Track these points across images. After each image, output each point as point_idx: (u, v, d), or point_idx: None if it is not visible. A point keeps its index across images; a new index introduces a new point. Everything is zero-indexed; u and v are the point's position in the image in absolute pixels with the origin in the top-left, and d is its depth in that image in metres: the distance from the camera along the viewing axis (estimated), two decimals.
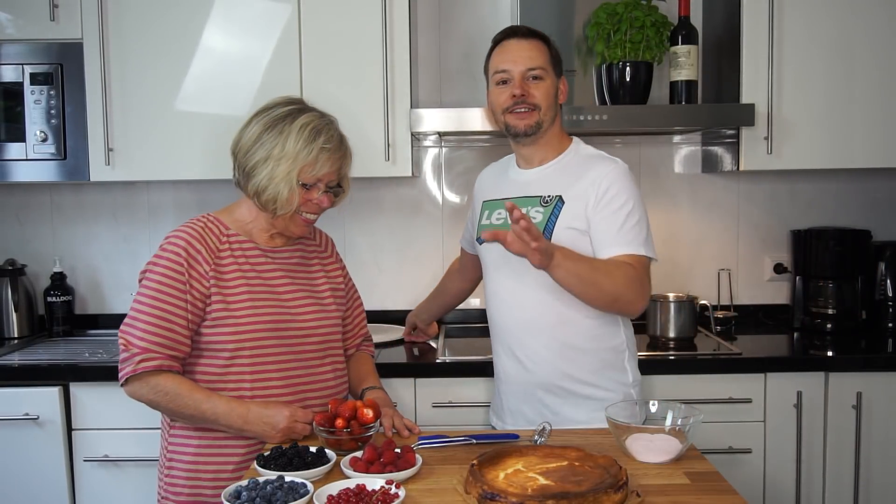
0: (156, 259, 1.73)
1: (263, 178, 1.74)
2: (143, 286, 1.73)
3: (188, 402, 1.68)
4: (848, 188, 2.93)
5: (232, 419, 1.68)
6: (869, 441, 2.34)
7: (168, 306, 1.69)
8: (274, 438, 1.68)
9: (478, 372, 2.34)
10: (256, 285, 1.77)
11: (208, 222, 1.80)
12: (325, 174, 1.76)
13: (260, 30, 2.50)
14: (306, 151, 1.72)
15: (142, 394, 1.70)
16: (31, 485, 2.34)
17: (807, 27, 2.50)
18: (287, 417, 1.67)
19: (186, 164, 2.53)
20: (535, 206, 1.90)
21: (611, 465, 1.43)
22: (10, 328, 2.79)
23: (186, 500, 1.75)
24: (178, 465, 1.77)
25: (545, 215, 1.87)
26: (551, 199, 1.89)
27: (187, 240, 1.74)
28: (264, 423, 1.68)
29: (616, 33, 2.54)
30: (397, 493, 1.36)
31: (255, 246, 1.82)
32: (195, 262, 1.72)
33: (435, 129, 2.50)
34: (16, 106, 2.51)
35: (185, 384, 1.69)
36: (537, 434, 1.66)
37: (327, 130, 1.76)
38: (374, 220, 2.92)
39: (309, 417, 1.69)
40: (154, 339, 1.67)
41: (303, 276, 1.87)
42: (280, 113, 1.76)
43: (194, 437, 1.76)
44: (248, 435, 1.71)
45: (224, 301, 1.73)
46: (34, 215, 2.93)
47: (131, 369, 1.67)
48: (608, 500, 1.31)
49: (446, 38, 2.88)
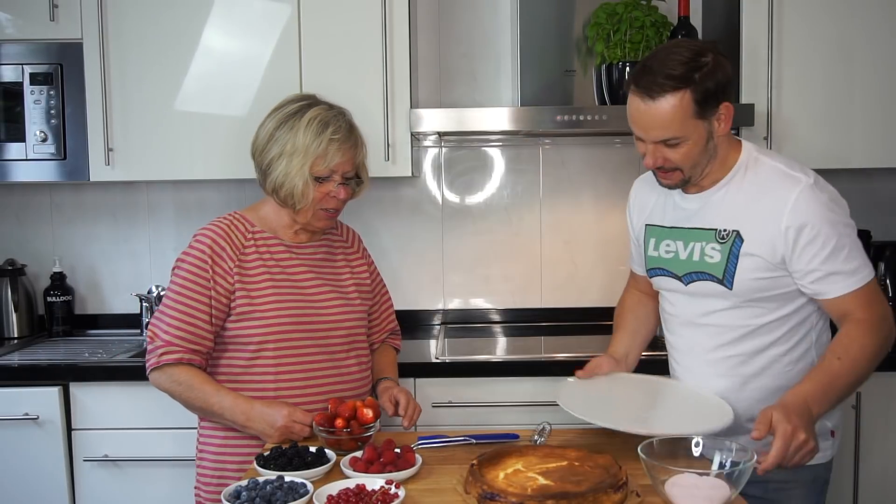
0: (183, 255, 1.81)
1: (279, 174, 1.78)
2: (170, 282, 1.81)
3: (198, 395, 1.74)
4: (848, 188, 2.87)
5: (235, 415, 1.73)
6: (868, 441, 2.34)
7: (192, 301, 1.75)
8: (272, 437, 1.70)
9: (478, 372, 2.34)
10: (281, 280, 1.82)
11: (234, 220, 1.86)
12: (338, 165, 1.79)
13: (260, 30, 2.50)
14: (316, 144, 1.76)
15: (160, 382, 1.77)
16: (31, 485, 2.34)
17: (807, 27, 2.50)
18: (285, 416, 1.69)
19: (186, 164, 2.54)
20: (710, 241, 1.68)
21: (611, 465, 1.43)
22: (9, 328, 2.79)
23: (215, 491, 1.79)
24: (206, 457, 1.83)
25: (724, 255, 1.66)
26: (728, 235, 1.66)
27: (212, 237, 1.80)
28: (264, 420, 1.71)
29: (616, 33, 2.54)
30: (397, 493, 1.36)
31: (280, 242, 1.86)
32: (219, 259, 1.78)
33: (435, 129, 2.50)
34: (16, 106, 2.51)
35: (199, 377, 1.75)
36: (537, 434, 1.66)
37: (335, 121, 1.80)
38: (374, 220, 2.92)
39: (308, 419, 1.70)
40: (177, 332, 1.74)
41: (327, 270, 1.91)
42: (291, 109, 1.82)
43: (220, 429, 1.81)
44: (249, 432, 1.74)
45: (248, 296, 1.78)
46: (34, 215, 2.93)
47: (154, 361, 1.75)
48: (608, 500, 1.31)
49: (446, 38, 2.88)
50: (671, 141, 1.60)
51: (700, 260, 1.70)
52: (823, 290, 1.63)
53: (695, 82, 1.56)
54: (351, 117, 1.87)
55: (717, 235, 1.67)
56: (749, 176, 1.67)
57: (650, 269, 1.83)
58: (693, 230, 1.72)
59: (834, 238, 1.59)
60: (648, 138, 1.62)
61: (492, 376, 2.34)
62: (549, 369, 2.36)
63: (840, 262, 1.60)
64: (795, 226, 1.59)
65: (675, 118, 1.57)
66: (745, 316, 1.69)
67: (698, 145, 1.61)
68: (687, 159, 1.62)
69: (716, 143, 1.64)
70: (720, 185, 1.69)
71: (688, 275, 1.73)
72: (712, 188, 1.70)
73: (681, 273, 1.74)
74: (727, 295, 1.67)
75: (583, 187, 2.91)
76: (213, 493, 1.81)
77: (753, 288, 1.65)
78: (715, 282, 1.68)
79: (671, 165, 1.64)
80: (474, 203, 2.92)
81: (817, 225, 1.59)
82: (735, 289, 1.66)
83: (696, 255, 1.71)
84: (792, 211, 1.59)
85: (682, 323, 1.78)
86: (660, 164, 1.64)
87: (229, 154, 2.51)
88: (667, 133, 1.59)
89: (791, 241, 1.60)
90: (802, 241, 1.59)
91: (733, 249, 1.64)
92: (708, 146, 1.63)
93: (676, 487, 1.31)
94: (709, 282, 1.69)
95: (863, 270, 1.63)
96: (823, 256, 1.60)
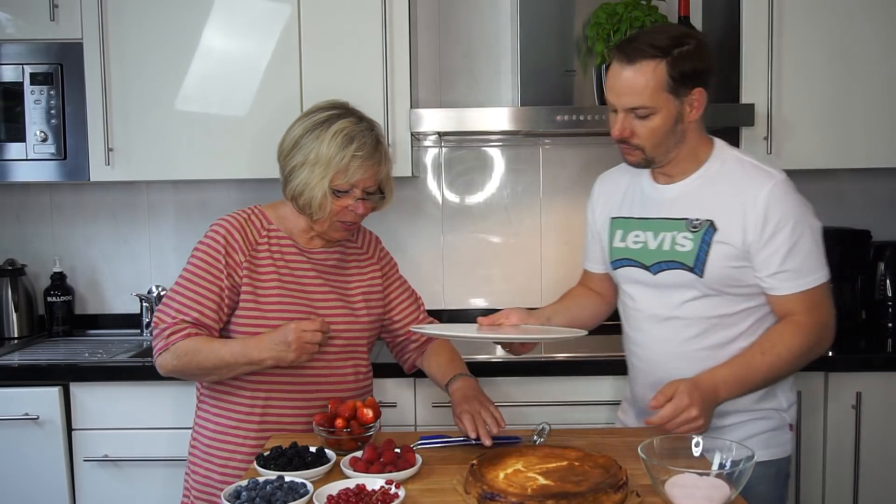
0: (198, 245, 1.81)
1: (300, 182, 1.77)
2: (183, 270, 1.80)
3: (206, 355, 1.72)
4: (848, 188, 2.92)
5: (249, 353, 1.71)
6: (868, 441, 2.34)
7: (202, 289, 1.76)
8: (289, 356, 1.68)
9: (478, 372, 2.32)
10: (288, 282, 1.81)
11: (252, 214, 1.86)
12: (359, 181, 1.77)
13: (260, 30, 2.50)
14: (339, 158, 1.74)
15: (167, 362, 1.74)
16: (31, 485, 2.34)
17: (807, 27, 2.50)
18: (294, 330, 1.68)
19: (186, 164, 2.54)
20: (681, 230, 1.70)
21: (611, 465, 1.43)
22: (10, 328, 2.79)
23: (202, 482, 1.81)
24: (198, 446, 1.84)
25: (696, 243, 1.67)
26: (700, 225, 1.67)
27: (228, 229, 1.81)
28: (276, 344, 1.69)
29: (616, 33, 2.54)
30: (397, 493, 1.36)
31: (294, 244, 1.86)
32: (232, 251, 1.78)
33: (435, 129, 2.50)
34: (16, 106, 2.51)
35: (199, 339, 1.73)
36: (536, 434, 1.66)
37: (361, 137, 1.76)
38: (374, 220, 2.90)
39: (316, 325, 1.69)
40: (184, 316, 1.74)
41: (337, 278, 1.89)
42: (319, 118, 1.79)
43: (212, 422, 1.82)
44: (269, 364, 1.71)
45: (254, 293, 1.78)
46: (34, 215, 2.93)
47: (163, 343, 1.73)
48: (608, 499, 1.31)
49: (446, 38, 2.88)
50: (641, 110, 1.63)
51: (670, 249, 1.71)
52: (775, 286, 1.66)
53: (673, 56, 1.61)
54: (380, 131, 1.84)
55: (689, 225, 1.69)
56: (722, 169, 1.70)
57: (615, 261, 1.82)
58: (664, 220, 1.73)
59: (798, 234, 1.63)
60: (620, 104, 1.65)
61: (492, 376, 2.34)
62: (549, 369, 2.36)
63: (798, 260, 1.63)
64: (767, 216, 1.62)
65: (648, 85, 1.61)
66: (712, 306, 1.70)
67: (666, 123, 1.64)
68: (653, 136, 1.65)
69: (684, 128, 1.68)
70: (693, 177, 1.72)
71: (657, 264, 1.73)
72: (685, 180, 1.73)
73: (649, 263, 1.74)
74: (697, 283, 1.68)
75: (583, 187, 2.88)
76: (201, 482, 1.83)
77: (724, 276, 1.66)
78: (685, 270, 1.69)
79: (636, 142, 1.67)
80: (474, 203, 2.92)
81: (787, 219, 1.63)
82: (706, 276, 1.67)
83: (666, 244, 1.72)
84: (765, 202, 1.63)
85: (647, 318, 1.78)
86: (625, 136, 1.67)
87: (229, 154, 2.52)
88: (638, 100, 1.62)
89: (759, 229, 1.63)
90: (769, 231, 1.63)
91: (706, 237, 1.66)
92: (676, 128, 1.66)
93: (676, 487, 1.30)
94: (679, 270, 1.70)
95: (816, 273, 1.66)
96: (784, 252, 1.63)
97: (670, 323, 1.74)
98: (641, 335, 1.81)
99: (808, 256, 1.65)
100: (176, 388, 2.30)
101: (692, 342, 1.72)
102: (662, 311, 1.75)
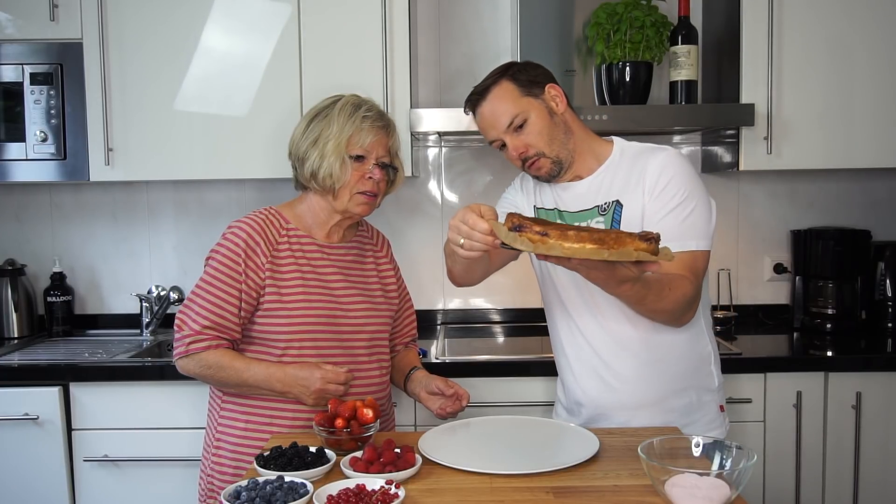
0: (217, 247, 1.83)
1: (315, 158, 1.82)
2: (204, 272, 1.82)
3: (230, 374, 1.77)
4: (848, 188, 2.93)
5: (272, 384, 1.77)
6: (868, 441, 2.34)
7: (222, 293, 1.78)
8: (309, 400, 1.76)
9: (478, 372, 2.34)
10: (310, 280, 1.84)
11: (269, 215, 1.88)
12: (372, 145, 1.83)
13: (260, 30, 2.50)
14: (350, 123, 1.82)
15: (189, 368, 1.80)
16: (31, 485, 2.34)
17: (807, 27, 2.50)
18: (319, 380, 1.74)
19: (186, 164, 2.53)
20: (594, 217, 1.78)
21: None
22: (9, 328, 2.79)
23: (230, 480, 1.79)
24: (225, 443, 1.84)
25: (607, 223, 1.75)
26: (609, 206, 1.76)
27: (248, 231, 1.82)
28: (300, 384, 1.76)
29: (616, 33, 2.54)
30: (397, 493, 1.36)
31: (313, 241, 1.89)
32: (253, 254, 1.80)
33: (435, 130, 2.50)
34: (16, 106, 2.51)
35: (227, 355, 1.78)
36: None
37: (366, 104, 1.87)
38: (374, 220, 2.91)
39: (341, 378, 1.76)
40: (206, 322, 1.77)
41: (356, 273, 1.93)
42: (322, 104, 1.88)
43: (241, 417, 1.83)
44: (288, 398, 1.79)
45: (278, 293, 1.80)
46: (34, 215, 2.93)
47: (183, 349, 1.78)
48: (631, 242, 1.35)
49: (446, 38, 2.88)
50: (516, 120, 1.74)
51: None
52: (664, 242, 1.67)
53: (510, 73, 1.77)
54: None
55: (599, 210, 1.78)
56: (623, 157, 1.80)
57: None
58: (577, 213, 1.81)
59: (685, 193, 1.70)
60: (499, 130, 1.76)
61: (492, 376, 2.34)
62: (549, 369, 2.35)
63: (682, 218, 1.69)
64: (659, 176, 1.71)
65: (506, 98, 1.75)
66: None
67: (543, 118, 1.75)
68: (541, 135, 1.75)
69: (563, 119, 1.78)
70: (598, 172, 1.80)
71: None
72: (590, 176, 1.81)
73: None
74: None
75: None
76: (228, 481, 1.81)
77: None
78: None
79: (533, 151, 1.75)
80: (474, 203, 2.91)
81: (677, 176, 1.71)
82: None
83: None
84: (660, 165, 1.73)
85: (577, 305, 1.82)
86: (522, 153, 1.76)
87: (229, 154, 2.51)
88: (507, 114, 1.74)
89: (652, 187, 1.71)
90: (660, 185, 1.70)
91: (615, 217, 1.75)
92: (554, 121, 1.76)
93: (676, 487, 1.30)
94: None
95: (697, 240, 1.70)
96: (671, 207, 1.69)
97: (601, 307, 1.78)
98: (571, 321, 1.85)
99: (692, 218, 1.70)
100: (176, 388, 2.29)
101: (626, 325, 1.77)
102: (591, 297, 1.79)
